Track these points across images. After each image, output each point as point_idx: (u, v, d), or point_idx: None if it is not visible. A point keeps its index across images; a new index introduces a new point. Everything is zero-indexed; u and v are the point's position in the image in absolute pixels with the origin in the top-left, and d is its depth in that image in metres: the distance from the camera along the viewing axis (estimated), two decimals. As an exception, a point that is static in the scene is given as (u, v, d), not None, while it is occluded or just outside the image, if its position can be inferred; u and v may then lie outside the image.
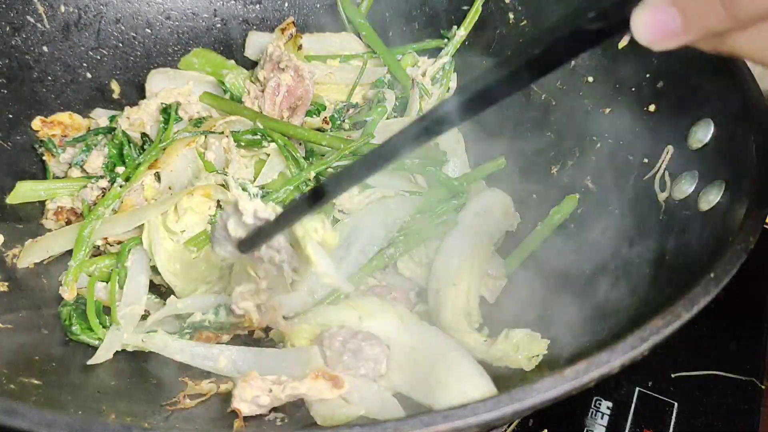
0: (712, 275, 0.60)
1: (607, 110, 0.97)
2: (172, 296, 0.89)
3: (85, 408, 0.74)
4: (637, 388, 0.91)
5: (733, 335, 0.97)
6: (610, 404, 0.90)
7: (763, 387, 0.91)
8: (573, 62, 1.00)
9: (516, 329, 0.82)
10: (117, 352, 0.84)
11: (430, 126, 0.49)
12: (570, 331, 0.81)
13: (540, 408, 0.52)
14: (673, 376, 0.92)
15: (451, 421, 0.49)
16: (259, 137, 1.00)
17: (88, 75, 1.08)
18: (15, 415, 0.48)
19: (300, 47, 1.10)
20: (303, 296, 0.88)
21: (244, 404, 0.78)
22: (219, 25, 1.19)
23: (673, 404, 0.90)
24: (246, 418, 0.76)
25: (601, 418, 0.88)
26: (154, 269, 0.91)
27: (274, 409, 0.79)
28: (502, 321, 0.86)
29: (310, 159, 1.02)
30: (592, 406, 0.89)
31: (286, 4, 1.21)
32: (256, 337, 0.90)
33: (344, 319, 0.85)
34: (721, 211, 0.75)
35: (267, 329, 0.89)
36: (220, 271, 0.91)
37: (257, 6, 1.20)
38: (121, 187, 0.95)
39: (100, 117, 1.06)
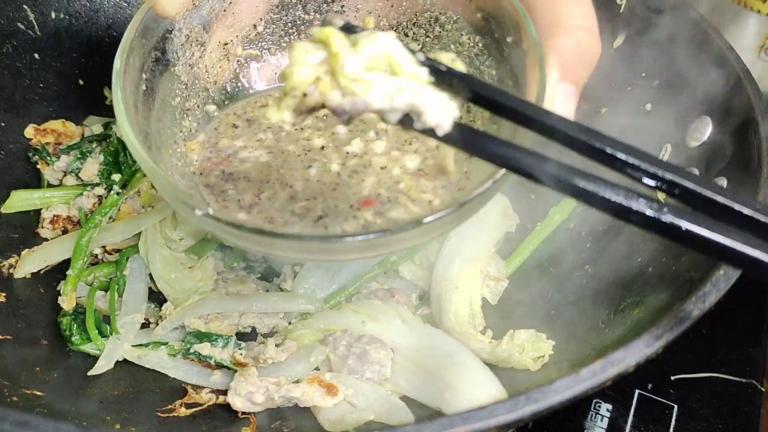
0: (721, 272, 0.60)
1: (603, 110, 0.97)
2: (167, 303, 0.88)
3: (90, 419, 0.73)
4: (637, 391, 0.91)
5: (733, 337, 0.97)
6: (609, 407, 0.89)
7: (762, 389, 0.91)
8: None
9: (521, 330, 0.81)
10: (118, 361, 0.83)
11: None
12: (575, 331, 0.81)
13: (557, 409, 0.52)
14: (672, 378, 0.92)
15: (470, 424, 0.48)
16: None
17: (81, 82, 1.07)
18: (28, 427, 0.47)
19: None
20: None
21: (238, 398, 0.77)
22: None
23: (673, 407, 0.89)
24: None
25: (601, 421, 0.88)
26: (153, 277, 0.90)
27: (281, 417, 0.78)
28: (505, 322, 0.86)
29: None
30: (592, 409, 0.89)
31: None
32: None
33: (347, 323, 0.84)
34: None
35: (270, 333, 0.88)
36: (215, 283, 0.90)
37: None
38: (118, 194, 0.94)
39: (94, 124, 1.05)
